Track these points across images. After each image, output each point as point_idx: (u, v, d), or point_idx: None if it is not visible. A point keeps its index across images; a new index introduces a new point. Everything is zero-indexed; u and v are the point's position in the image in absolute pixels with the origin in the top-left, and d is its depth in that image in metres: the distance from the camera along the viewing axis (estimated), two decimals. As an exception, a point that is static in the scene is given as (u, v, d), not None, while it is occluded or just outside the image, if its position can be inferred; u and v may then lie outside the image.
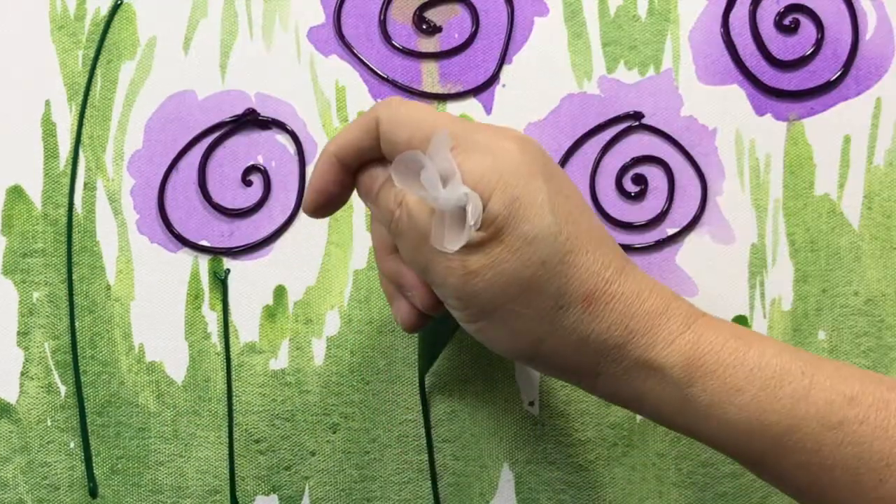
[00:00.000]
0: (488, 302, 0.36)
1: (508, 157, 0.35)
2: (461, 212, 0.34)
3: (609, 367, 0.37)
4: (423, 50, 0.51)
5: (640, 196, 0.50)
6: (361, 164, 0.38)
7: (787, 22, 0.50)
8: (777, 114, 0.50)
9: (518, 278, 0.35)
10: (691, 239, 0.50)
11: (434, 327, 0.44)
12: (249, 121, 0.50)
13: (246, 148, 0.51)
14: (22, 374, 0.50)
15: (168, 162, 0.50)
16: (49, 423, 0.50)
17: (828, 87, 0.50)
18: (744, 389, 0.35)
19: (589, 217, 0.37)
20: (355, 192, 0.39)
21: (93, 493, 0.49)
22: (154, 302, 0.50)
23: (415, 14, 0.51)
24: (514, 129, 0.37)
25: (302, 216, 0.50)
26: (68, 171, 0.50)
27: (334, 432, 0.50)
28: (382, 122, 0.37)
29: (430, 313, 0.39)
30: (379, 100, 0.50)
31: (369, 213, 0.50)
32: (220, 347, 0.50)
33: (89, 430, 0.50)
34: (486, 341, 0.38)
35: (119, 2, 0.51)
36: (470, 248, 0.35)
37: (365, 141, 0.37)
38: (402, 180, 0.35)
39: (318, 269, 0.50)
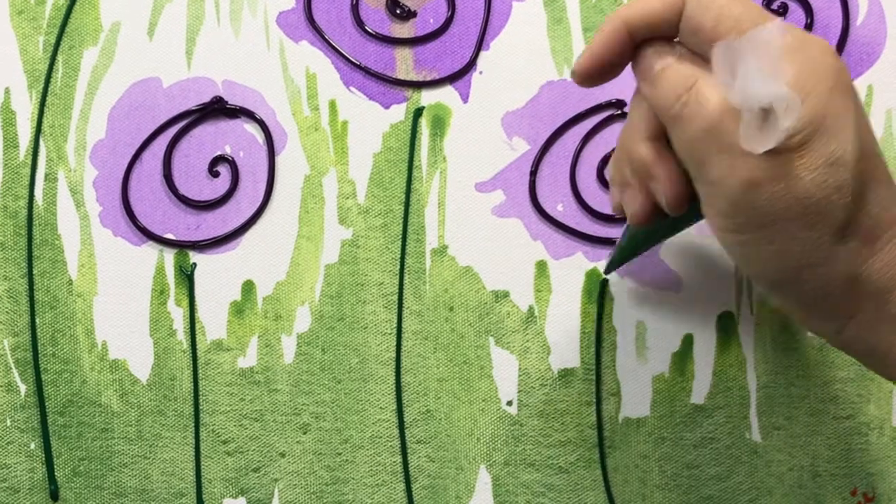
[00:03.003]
0: (765, 216, 0.33)
1: (824, 66, 0.33)
2: (765, 113, 0.32)
3: (869, 310, 0.35)
4: (397, 36, 0.49)
5: (622, 187, 0.49)
6: (648, 39, 0.36)
7: (775, 6, 0.49)
8: (765, 102, 0.49)
9: (807, 199, 0.33)
10: (676, 232, 0.49)
11: (651, 228, 0.41)
12: (216, 109, 0.49)
13: (213, 137, 0.49)
14: (-21, 372, 0.49)
15: (132, 152, 0.49)
16: (8, 424, 0.48)
17: (818, 74, 0.49)
18: None
19: (878, 147, 0.35)
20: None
21: (54, 495, 0.48)
22: (118, 297, 0.49)
23: (388, -2, 0.49)
24: (819, 38, 0.34)
25: (271, 208, 0.49)
26: (28, 162, 0.49)
27: (305, 433, 0.48)
28: (690, 1, 0.34)
29: (670, 212, 0.37)
30: (352, 88, 0.49)
31: (340, 206, 0.49)
32: (186, 345, 0.49)
33: (50, 431, 0.48)
34: (742, 256, 0.35)
35: (82, -14, 0.50)
36: (767, 153, 0.32)
37: (665, 15, 0.35)
38: (721, 67, 0.32)
39: (288, 264, 0.49)
